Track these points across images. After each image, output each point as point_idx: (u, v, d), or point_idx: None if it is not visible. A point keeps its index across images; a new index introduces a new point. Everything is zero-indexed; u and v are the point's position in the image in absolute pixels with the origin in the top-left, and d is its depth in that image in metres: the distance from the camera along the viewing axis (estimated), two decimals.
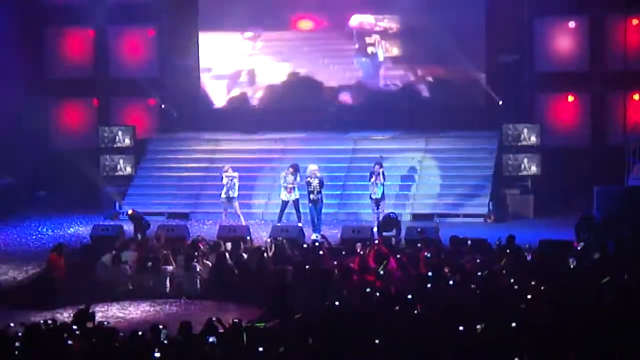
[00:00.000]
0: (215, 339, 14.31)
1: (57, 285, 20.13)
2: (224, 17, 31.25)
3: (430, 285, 17.47)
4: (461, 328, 14.21)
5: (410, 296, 16.37)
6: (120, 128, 29.93)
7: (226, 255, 20.98)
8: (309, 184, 24.84)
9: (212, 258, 20.91)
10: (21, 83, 29.92)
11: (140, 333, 14.51)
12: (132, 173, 29.59)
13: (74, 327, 15.26)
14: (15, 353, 14.09)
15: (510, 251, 20.08)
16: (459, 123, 28.96)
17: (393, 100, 30.37)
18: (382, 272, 19.12)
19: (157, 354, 13.68)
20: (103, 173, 29.60)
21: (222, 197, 26.02)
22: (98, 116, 31.39)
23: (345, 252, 21.11)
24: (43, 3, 31.29)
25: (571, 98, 29.61)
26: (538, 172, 28.05)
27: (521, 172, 28.11)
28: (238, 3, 31.33)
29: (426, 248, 20.78)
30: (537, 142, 28.15)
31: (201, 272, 20.58)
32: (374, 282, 18.32)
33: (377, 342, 13.91)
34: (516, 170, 28.15)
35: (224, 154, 29.24)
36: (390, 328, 14.53)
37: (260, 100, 31.40)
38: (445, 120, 29.18)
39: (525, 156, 28.10)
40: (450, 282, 17.72)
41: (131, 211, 24.92)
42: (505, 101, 29.07)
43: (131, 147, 29.80)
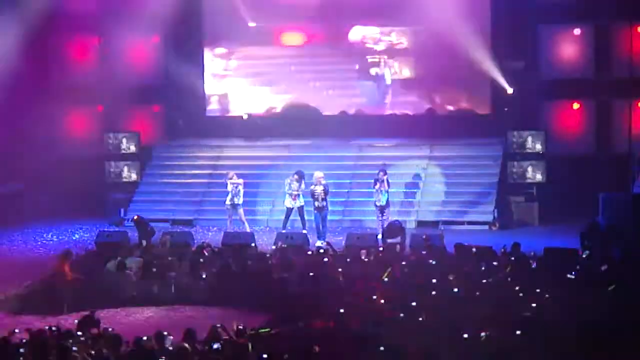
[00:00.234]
0: (219, 346, 14.32)
1: (62, 291, 20.13)
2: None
3: (434, 292, 17.46)
4: (465, 335, 14.22)
5: (414, 303, 16.38)
6: (125, 135, 29.98)
7: (230, 261, 20.97)
8: (313, 192, 24.85)
9: (217, 265, 20.91)
10: (26, 90, 29.93)
11: (144, 339, 14.52)
12: (137, 180, 29.62)
13: (79, 334, 15.28)
14: (20, 359, 14.12)
15: (515, 259, 20.04)
16: (464, 130, 28.96)
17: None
18: (386, 280, 19.11)
19: None
20: (108, 180, 29.66)
21: (227, 204, 26.03)
22: (103, 123, 31.43)
23: (349, 259, 21.09)
24: (49, 11, 31.30)
25: (576, 105, 29.60)
26: (543, 180, 28.03)
27: (526, 180, 28.10)
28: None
29: (431, 255, 20.77)
30: (542, 150, 28.13)
31: (206, 279, 20.56)
32: (379, 289, 18.28)
33: (382, 349, 13.92)
34: (521, 177, 28.13)
35: (229, 161, 29.24)
36: (394, 335, 14.53)
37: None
38: (449, 127, 29.16)
39: (530, 163, 28.08)
40: (454, 290, 17.70)
41: (136, 217, 24.94)
42: (510, 108, 29.03)
43: (136, 154, 29.86)
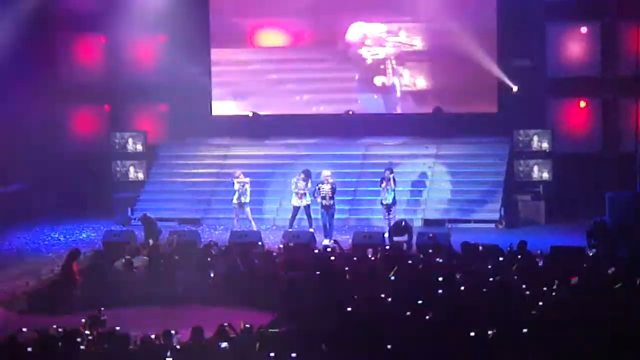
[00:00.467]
0: (226, 344, 14.33)
1: (70, 290, 20.17)
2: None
3: (441, 290, 17.47)
4: (472, 334, 14.23)
5: (421, 301, 16.39)
6: (132, 134, 30.02)
7: (238, 260, 20.99)
8: (320, 190, 24.86)
9: (224, 263, 20.93)
10: (33, 89, 29.96)
11: (152, 338, 14.54)
12: (144, 179, 29.64)
13: (86, 333, 15.32)
14: (27, 358, 14.15)
15: (521, 257, 20.03)
16: (470, 129, 28.95)
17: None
18: (393, 278, 19.11)
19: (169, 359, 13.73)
20: (115, 179, 29.70)
21: (234, 203, 26.04)
22: (110, 122, 31.46)
23: (356, 258, 21.10)
24: (55, 10, 31.35)
25: (583, 104, 29.57)
26: (549, 178, 28.00)
27: (532, 178, 28.08)
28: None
29: (437, 254, 20.78)
30: (549, 148, 28.12)
31: (213, 278, 20.58)
32: (385, 287, 18.29)
33: (389, 348, 13.93)
34: (527, 176, 28.12)
35: (235, 160, 29.22)
36: (401, 333, 14.54)
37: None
38: (456, 125, 29.16)
39: (536, 162, 28.06)
40: (461, 288, 17.70)
41: (144, 215, 24.93)
42: (516, 106, 28.99)
43: (143, 153, 29.89)
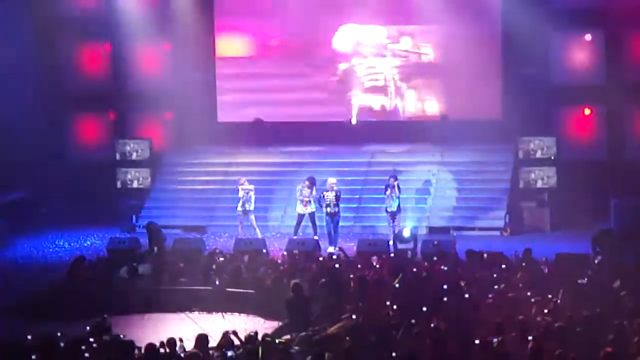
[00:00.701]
0: (231, 353, 14.32)
1: (75, 297, 20.16)
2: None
3: (446, 298, 17.45)
4: (477, 341, 14.21)
5: (426, 309, 16.37)
6: (136, 141, 30.04)
7: (242, 268, 20.97)
8: (324, 197, 24.85)
9: (229, 271, 20.92)
10: (38, 97, 30.01)
11: (156, 346, 14.53)
12: (149, 186, 29.66)
13: (91, 340, 15.30)
14: None
15: (526, 264, 20.02)
16: (475, 136, 28.92)
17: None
18: (398, 286, 19.09)
19: None
20: (120, 186, 29.72)
21: (239, 210, 26.03)
22: (115, 129, 31.48)
23: (361, 265, 21.08)
24: (59, 16, 31.39)
25: (588, 111, 29.54)
26: (554, 185, 27.98)
27: (537, 185, 28.07)
28: None
29: (442, 261, 20.75)
30: (554, 155, 28.10)
31: (218, 285, 20.57)
32: (391, 295, 18.26)
33: (394, 355, 13.91)
34: (532, 183, 28.10)
35: (240, 167, 29.23)
36: (407, 341, 14.52)
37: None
38: (460, 133, 29.12)
39: (541, 169, 28.04)
40: (466, 296, 17.68)
41: (149, 223, 24.93)
42: (521, 114, 28.95)
43: (148, 161, 29.90)
